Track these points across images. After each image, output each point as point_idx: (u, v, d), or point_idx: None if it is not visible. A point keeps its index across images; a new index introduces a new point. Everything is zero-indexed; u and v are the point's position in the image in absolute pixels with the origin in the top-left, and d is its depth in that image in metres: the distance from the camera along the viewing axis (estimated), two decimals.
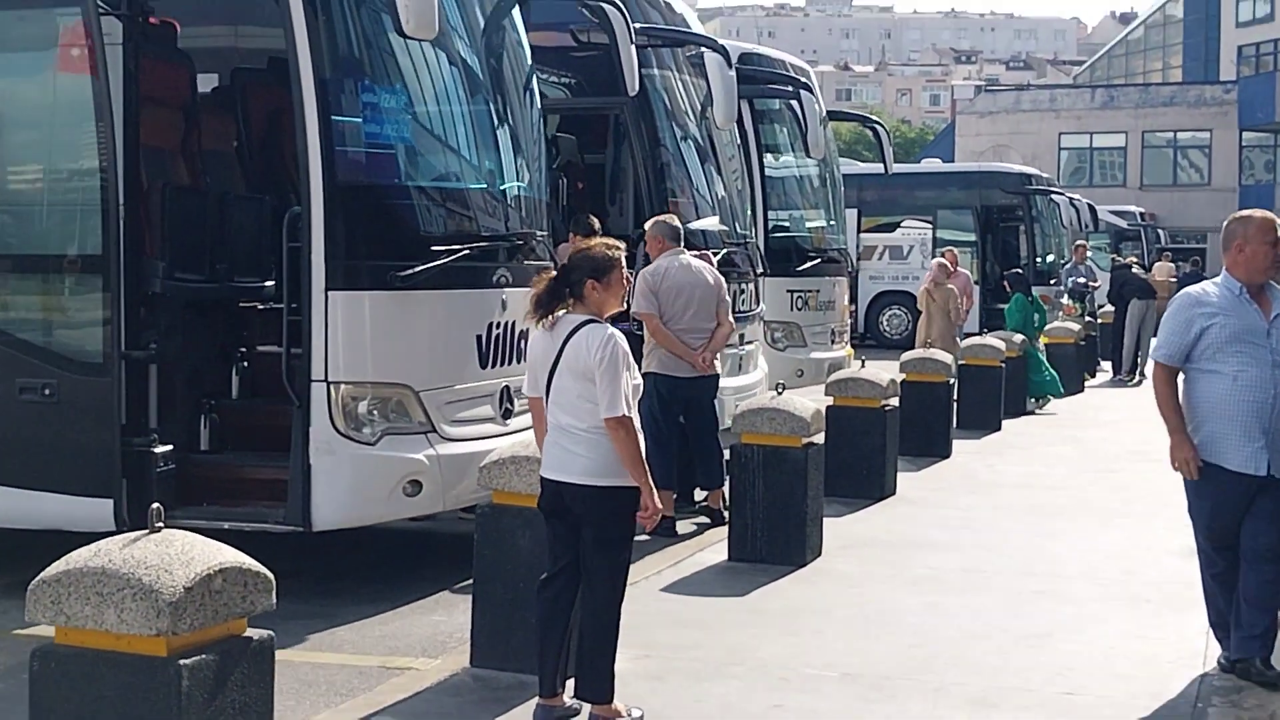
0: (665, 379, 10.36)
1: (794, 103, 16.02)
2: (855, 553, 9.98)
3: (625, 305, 6.47)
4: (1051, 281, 30.74)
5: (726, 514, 10.37)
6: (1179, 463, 6.96)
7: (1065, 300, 26.59)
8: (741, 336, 13.62)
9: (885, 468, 12.22)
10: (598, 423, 6.00)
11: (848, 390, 12.15)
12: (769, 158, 17.40)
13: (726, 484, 10.31)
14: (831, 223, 18.68)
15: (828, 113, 18.94)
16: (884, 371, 12.70)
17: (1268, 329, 6.80)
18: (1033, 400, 19.37)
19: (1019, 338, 18.88)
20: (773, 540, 9.48)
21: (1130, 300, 24.35)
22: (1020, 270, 20.44)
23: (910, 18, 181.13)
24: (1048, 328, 22.40)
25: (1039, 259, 31.41)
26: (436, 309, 8.62)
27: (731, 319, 10.62)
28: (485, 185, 9.26)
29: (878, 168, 35.37)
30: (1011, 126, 59.82)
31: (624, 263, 6.29)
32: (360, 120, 8.22)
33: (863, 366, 12.78)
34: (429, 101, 8.84)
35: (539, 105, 10.17)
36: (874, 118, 20.33)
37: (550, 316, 6.18)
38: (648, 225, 10.69)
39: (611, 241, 6.36)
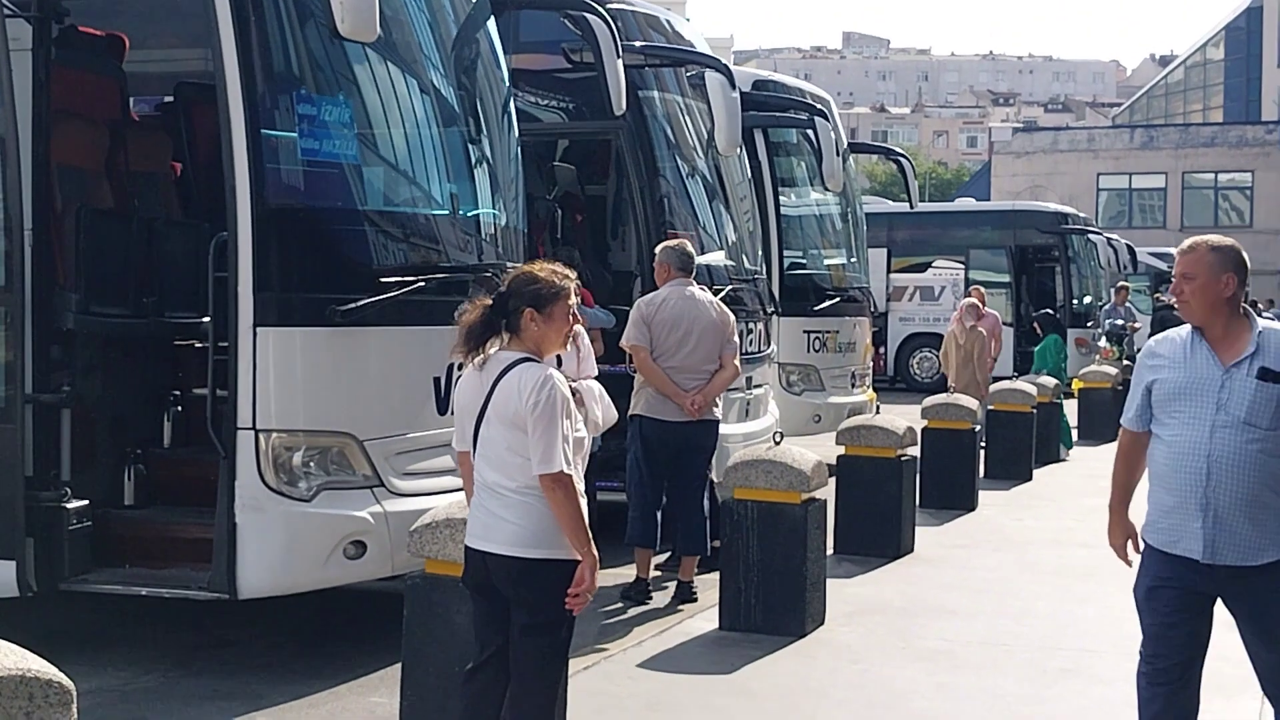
0: (651, 422, 9.39)
1: (810, 132, 15.05)
2: (862, 621, 8.97)
3: (566, 346, 5.48)
4: (1089, 324, 29.69)
5: (695, 591, 9.40)
6: (1112, 546, 5.88)
7: (1102, 343, 25.49)
8: (749, 380, 12.66)
9: (901, 523, 11.21)
10: (530, 481, 5.04)
11: (860, 439, 11.15)
12: (785, 192, 16.46)
13: (714, 548, 9.28)
14: (853, 260, 17.71)
15: (850, 145, 18.00)
16: (900, 418, 11.70)
17: (1221, 380, 5.37)
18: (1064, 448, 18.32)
19: (1052, 382, 17.85)
20: (768, 608, 8.49)
21: None
22: (1050, 311, 19.40)
23: (948, 60, 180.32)
24: (1083, 371, 21.35)
25: (1075, 300, 30.33)
26: (386, 348, 7.68)
27: (738, 363, 9.61)
28: (447, 210, 8.33)
29: (907, 206, 34.72)
30: (1049, 167, 58.67)
31: (572, 293, 5.34)
32: (296, 135, 7.29)
33: (877, 412, 11.79)
34: (380, 116, 7.91)
35: (515, 126, 9.24)
36: (898, 150, 19.35)
37: (481, 352, 5.21)
38: (657, 250, 9.74)
39: (560, 268, 5.40)
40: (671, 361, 9.29)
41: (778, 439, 8.70)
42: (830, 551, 10.78)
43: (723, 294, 11.89)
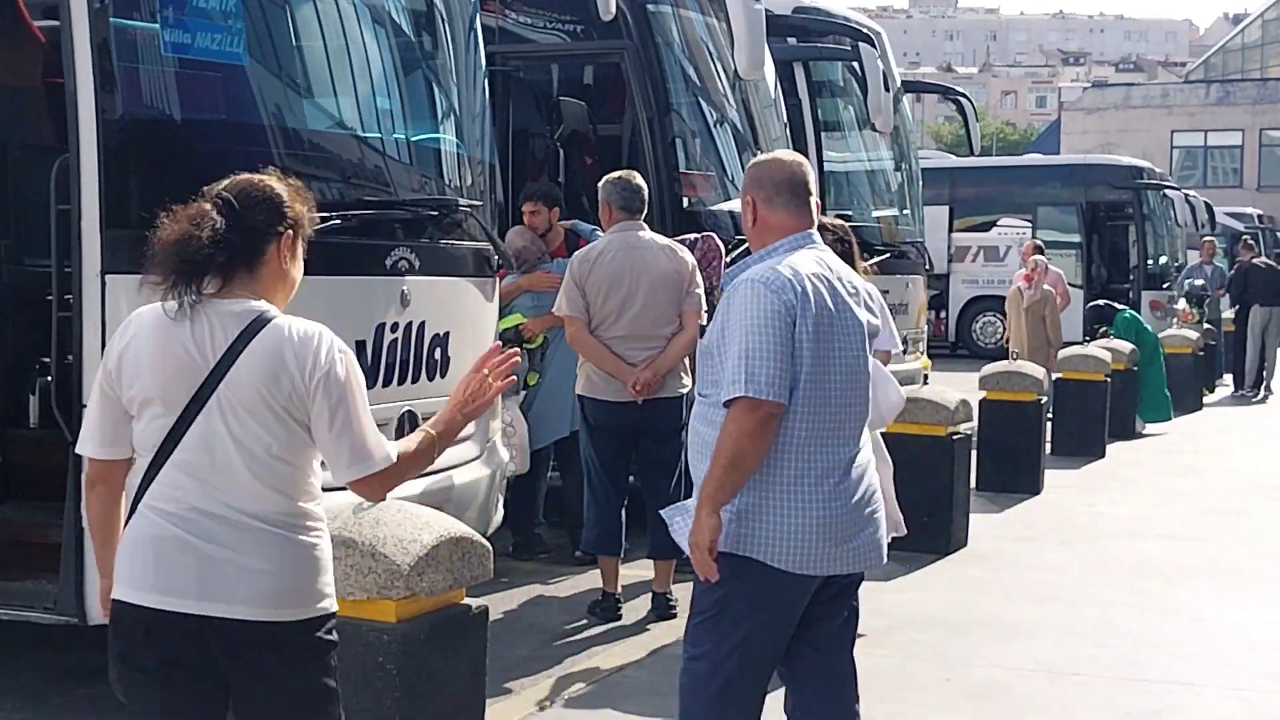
0: (593, 404, 7.71)
1: (855, 64, 13.28)
2: (899, 641, 7.31)
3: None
4: (1164, 285, 27.75)
5: (674, 603, 7.76)
6: None
7: (1180, 305, 23.57)
8: None
9: (953, 512, 9.52)
10: (296, 504, 3.40)
11: (904, 414, 9.42)
12: (829, 135, 14.70)
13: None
14: (905, 213, 15.91)
15: (904, 83, 16.21)
16: (953, 390, 10.00)
17: None
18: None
19: (1128, 346, 16.04)
20: None
21: (1252, 306, 21.40)
22: (1102, 304, 17.56)
23: (1016, 19, 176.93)
24: (1161, 335, 19.48)
25: (1150, 261, 28.36)
26: (292, 305, 6.03)
27: (704, 321, 7.72)
28: (375, 132, 6.68)
29: (971, 161, 32.77)
30: (1120, 124, 56.36)
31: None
32: (158, 25, 5.64)
33: (926, 382, 10.10)
34: (280, 5, 6.24)
35: (478, 37, 7.56)
36: (958, 89, 17.52)
37: (193, 292, 3.39)
38: (599, 186, 8.02)
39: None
40: (615, 330, 7.55)
41: None
42: None
43: (745, 246, 10.26)
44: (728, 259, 9.72)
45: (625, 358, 7.52)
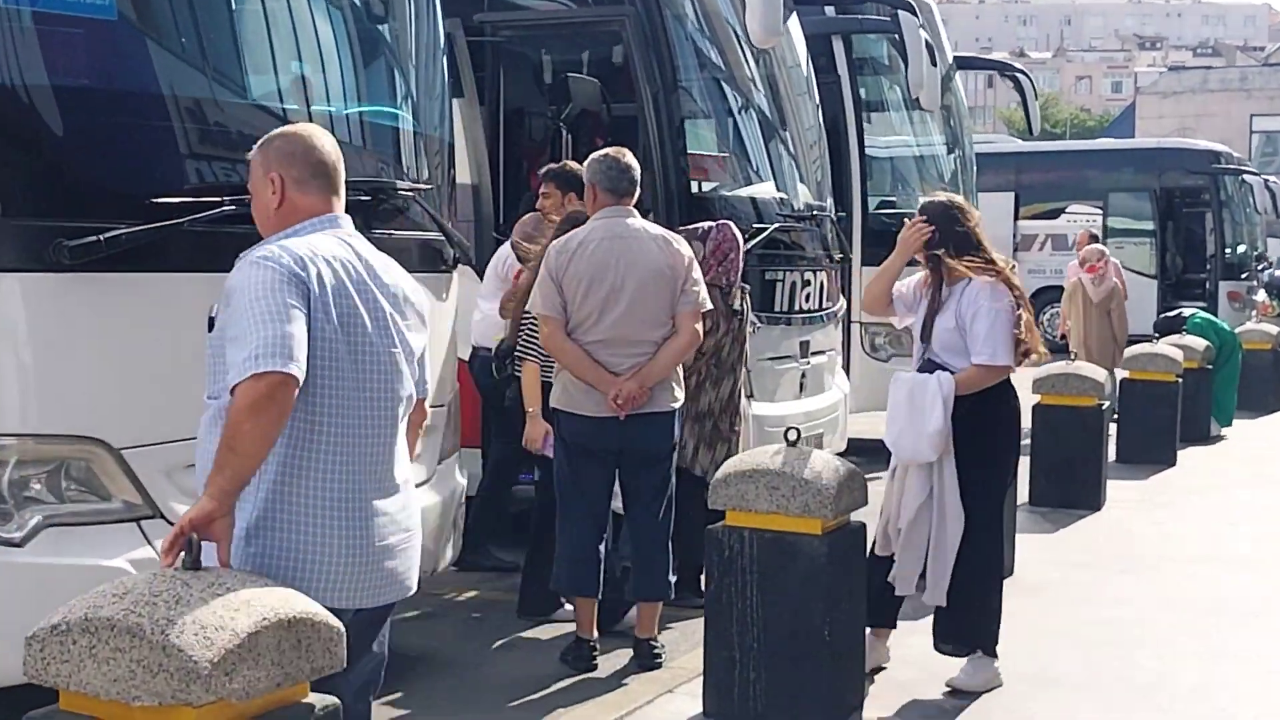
0: (570, 419, 6.60)
1: (896, 36, 12.12)
2: (924, 696, 6.20)
3: None
4: (1243, 276, 26.35)
5: (660, 652, 6.67)
6: None
7: (1260, 297, 22.22)
8: (805, 345, 9.88)
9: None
10: None
11: None
12: (872, 116, 13.55)
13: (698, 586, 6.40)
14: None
15: (956, 59, 15.01)
16: None
17: None
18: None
19: (1201, 343, 14.78)
20: (775, 689, 5.73)
21: None
22: (1171, 314, 16.29)
23: (1091, 4, 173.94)
24: (1238, 330, 18.14)
25: (1228, 250, 26.95)
26: (160, 305, 4.99)
27: (699, 327, 6.64)
28: (286, 100, 5.61)
29: (1039, 146, 31.40)
30: (1198, 108, 54.63)
31: None
32: None
33: None
34: None
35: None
36: (1014, 65, 16.28)
37: None
38: (585, 166, 6.91)
39: None
40: (596, 333, 6.43)
41: (793, 437, 5.91)
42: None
43: (765, 235, 9.17)
44: (745, 250, 8.65)
45: (608, 365, 6.42)
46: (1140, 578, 8.64)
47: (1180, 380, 13.21)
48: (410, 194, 5.96)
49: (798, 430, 5.96)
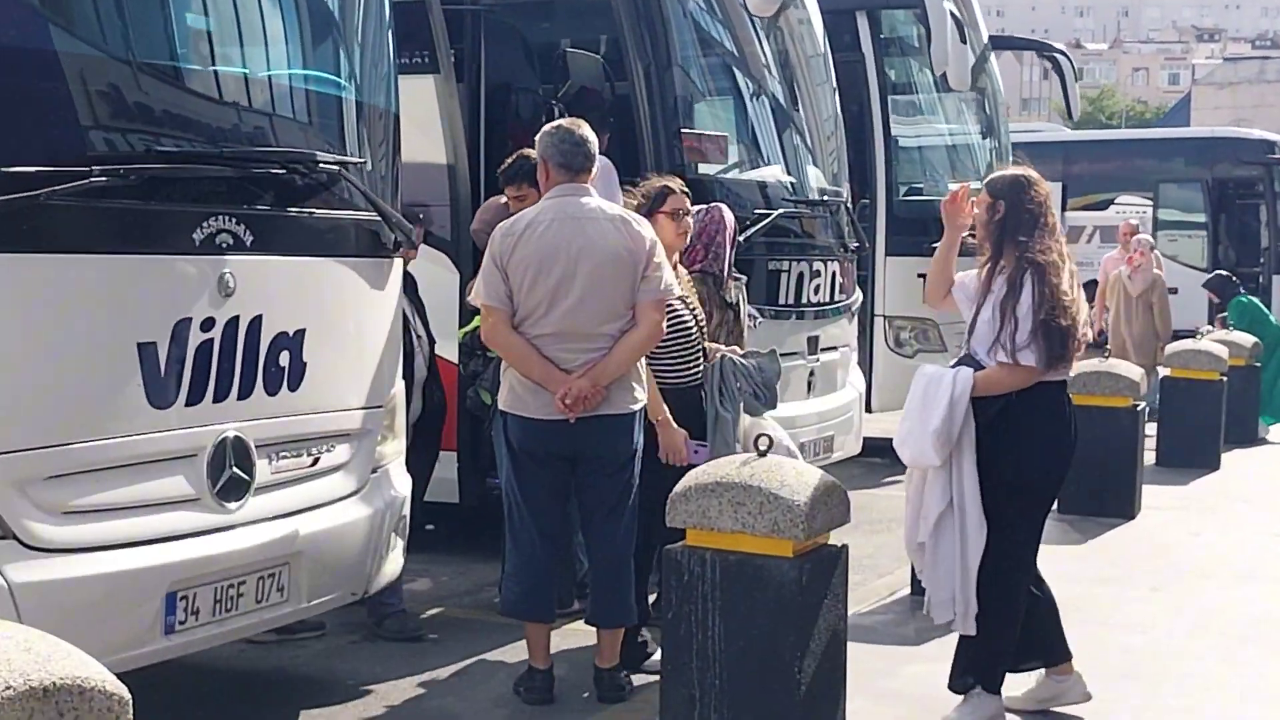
0: (516, 422, 5.90)
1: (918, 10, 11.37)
2: None
3: None
4: None
5: (624, 684, 5.97)
6: None
7: None
8: (814, 341, 9.19)
9: None
10: None
11: None
12: (899, 99, 12.81)
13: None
14: None
15: (991, 38, 14.22)
16: None
17: None
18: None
19: (1249, 339, 13.98)
20: None
21: None
22: (1225, 272, 15.46)
23: None
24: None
25: None
26: (28, 290, 4.35)
27: (660, 318, 5.87)
28: (184, 59, 4.95)
29: (1087, 135, 30.47)
30: (1255, 99, 53.54)
31: None
32: None
33: None
34: None
35: None
36: (1052, 45, 15.45)
37: None
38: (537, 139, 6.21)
39: None
40: (545, 325, 5.74)
41: (763, 446, 5.20)
42: (895, 595, 7.40)
43: (767, 222, 8.48)
44: (743, 237, 7.97)
45: (559, 362, 5.74)
46: (1172, 596, 7.90)
47: (1225, 378, 12.41)
48: (335, 168, 5.29)
49: (769, 438, 5.25)
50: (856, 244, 10.10)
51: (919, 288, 12.50)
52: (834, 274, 9.52)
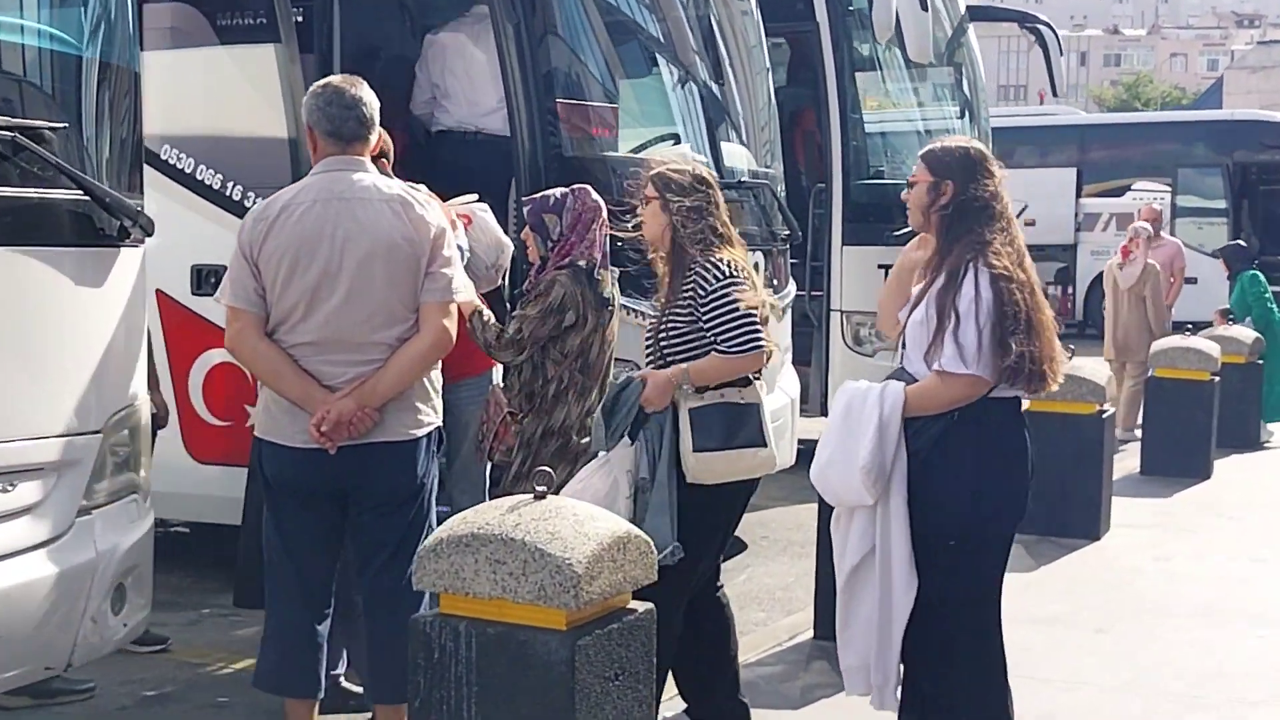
0: (271, 450, 4.81)
1: None
2: None
3: None
4: None
5: None
6: None
7: None
8: None
9: None
10: None
11: None
12: (860, 74, 11.65)
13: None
14: None
15: (969, 8, 13.07)
16: None
17: None
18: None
19: (1250, 334, 12.81)
20: None
21: None
22: (1242, 243, 14.28)
23: None
24: None
25: None
26: None
27: (452, 325, 4.79)
28: None
29: (1103, 118, 29.20)
30: None
31: None
32: None
33: None
34: None
35: None
36: (1037, 16, 14.26)
37: None
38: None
39: None
40: (304, 332, 4.67)
41: (541, 486, 4.10)
42: (796, 639, 6.34)
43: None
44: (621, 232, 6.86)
45: (321, 377, 4.67)
46: (1117, 641, 6.78)
47: (1216, 379, 11.24)
48: (11, 135, 4.22)
49: (549, 473, 4.16)
50: (788, 232, 9.01)
51: (880, 280, 11.43)
52: (756, 266, 8.41)
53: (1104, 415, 9.01)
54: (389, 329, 4.71)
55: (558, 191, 5.92)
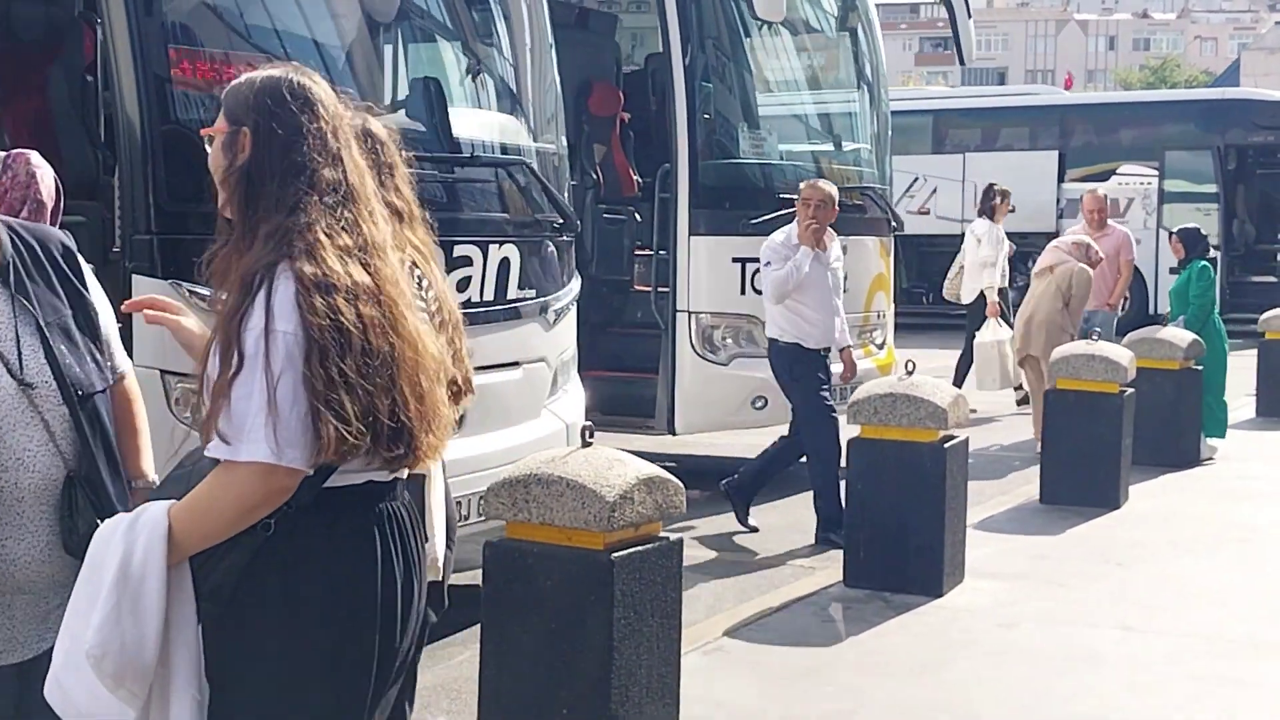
0: None
1: None
2: None
3: None
4: None
5: None
6: None
7: None
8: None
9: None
10: None
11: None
12: (714, 40, 10.02)
13: None
14: (853, 148, 11.19)
15: None
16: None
17: None
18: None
19: (1187, 337, 11.11)
20: None
21: None
22: (1196, 226, 12.60)
23: None
24: (1269, 317, 14.30)
25: None
26: None
27: None
28: None
29: (1087, 98, 27.47)
30: None
31: None
32: None
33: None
34: None
35: None
36: None
37: None
38: None
39: None
40: None
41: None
42: None
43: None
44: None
45: None
46: None
47: (1124, 392, 9.54)
48: None
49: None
50: (562, 220, 7.40)
51: (734, 275, 9.85)
52: (503, 261, 6.84)
53: (946, 443, 7.34)
54: None
55: None
